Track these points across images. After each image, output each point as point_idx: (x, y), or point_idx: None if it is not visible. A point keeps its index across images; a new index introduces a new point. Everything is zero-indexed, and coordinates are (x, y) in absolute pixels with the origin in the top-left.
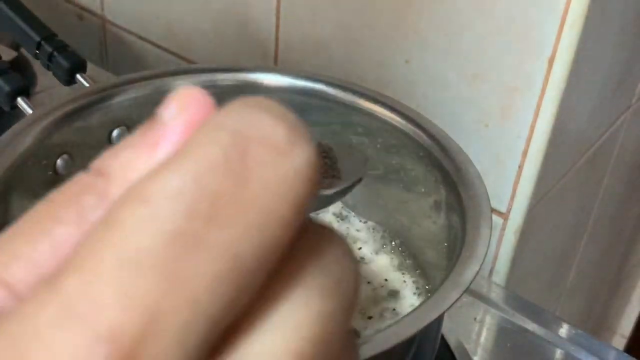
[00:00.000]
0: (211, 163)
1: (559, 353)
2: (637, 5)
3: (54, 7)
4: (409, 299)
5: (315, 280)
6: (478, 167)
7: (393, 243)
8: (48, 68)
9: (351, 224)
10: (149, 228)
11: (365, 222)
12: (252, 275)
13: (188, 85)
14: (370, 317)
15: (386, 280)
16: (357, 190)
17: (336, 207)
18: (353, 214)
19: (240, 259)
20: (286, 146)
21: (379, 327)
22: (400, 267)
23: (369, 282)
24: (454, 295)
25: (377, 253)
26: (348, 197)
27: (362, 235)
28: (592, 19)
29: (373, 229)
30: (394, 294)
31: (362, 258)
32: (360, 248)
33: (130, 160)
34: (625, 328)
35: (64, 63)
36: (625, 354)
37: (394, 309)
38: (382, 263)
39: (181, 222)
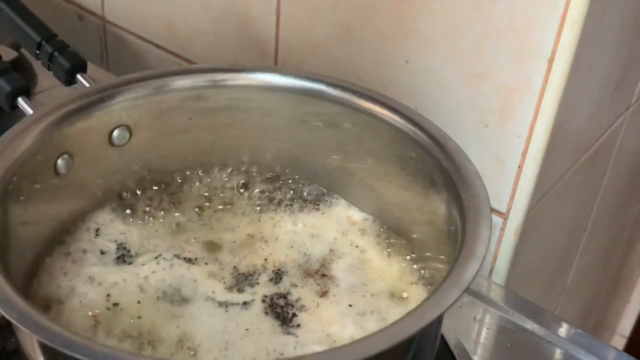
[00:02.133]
0: None
1: (558, 352)
2: (637, 5)
3: (54, 8)
4: (409, 294)
5: None
6: (478, 167)
7: (393, 238)
8: (48, 68)
9: (351, 216)
10: None
11: (363, 213)
12: None
13: None
14: (371, 313)
15: (384, 273)
16: (357, 187)
17: (339, 202)
18: (355, 208)
19: None
20: None
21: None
22: (400, 263)
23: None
24: (454, 295)
25: (378, 246)
26: (349, 192)
27: (361, 226)
28: (592, 19)
29: (372, 221)
30: (393, 288)
31: (362, 252)
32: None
33: None
34: (625, 328)
35: (65, 63)
36: (625, 354)
37: (393, 302)
38: (381, 257)
39: None
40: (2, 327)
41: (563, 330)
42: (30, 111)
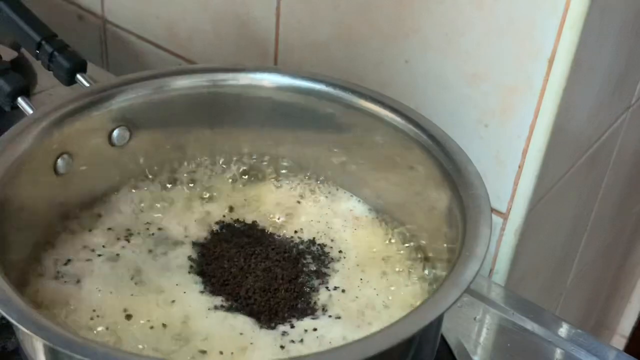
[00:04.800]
0: None
1: (558, 353)
2: (637, 5)
3: (54, 8)
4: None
5: None
6: (478, 167)
7: (392, 238)
8: (48, 68)
9: (355, 208)
10: None
11: (363, 202)
12: None
13: None
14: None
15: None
16: (357, 187)
17: (346, 198)
18: (357, 198)
19: None
20: None
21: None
22: (402, 253)
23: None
24: (454, 295)
25: (374, 245)
26: (352, 186)
27: (363, 218)
28: (591, 19)
29: (371, 220)
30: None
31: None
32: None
33: None
34: (625, 328)
35: (65, 63)
36: (625, 354)
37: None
38: (386, 247)
39: None
40: (2, 327)
41: (563, 330)
42: (30, 111)
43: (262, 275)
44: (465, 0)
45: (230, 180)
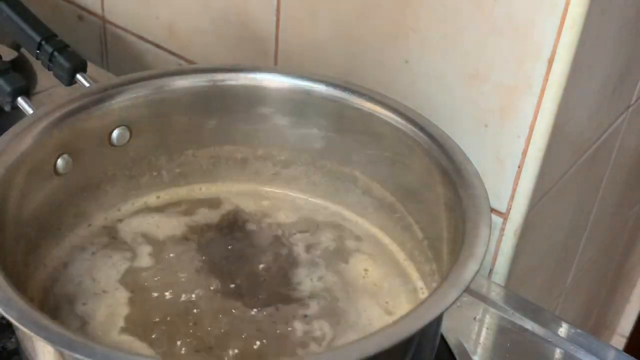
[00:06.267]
0: None
1: (558, 352)
2: (637, 5)
3: (54, 8)
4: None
5: None
6: (478, 167)
7: (391, 238)
8: (48, 68)
9: (357, 204)
10: None
11: (365, 199)
12: None
13: None
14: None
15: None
16: (356, 186)
17: (347, 195)
18: (359, 195)
19: None
20: None
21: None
22: (402, 250)
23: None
24: (454, 294)
25: (373, 245)
26: (347, 191)
27: (358, 223)
28: (591, 19)
29: (370, 219)
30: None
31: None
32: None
33: None
34: (625, 327)
35: (65, 63)
36: (625, 354)
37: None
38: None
39: None
40: (2, 327)
41: (563, 330)
42: (30, 111)
43: (258, 267)
44: (465, 0)
45: (231, 177)
